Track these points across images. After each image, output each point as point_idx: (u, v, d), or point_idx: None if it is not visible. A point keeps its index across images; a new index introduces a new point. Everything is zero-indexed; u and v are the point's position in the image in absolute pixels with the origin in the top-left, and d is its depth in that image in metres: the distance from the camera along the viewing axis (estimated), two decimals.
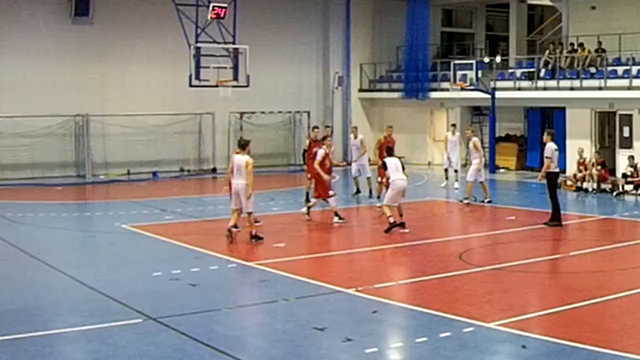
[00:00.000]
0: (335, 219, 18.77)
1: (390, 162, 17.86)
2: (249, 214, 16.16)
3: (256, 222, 17.15)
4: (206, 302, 11.63)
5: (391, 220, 17.37)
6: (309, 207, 19.51)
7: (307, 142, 22.71)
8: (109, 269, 14.22)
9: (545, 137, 18.58)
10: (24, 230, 18.61)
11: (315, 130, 23.04)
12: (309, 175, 21.11)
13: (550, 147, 18.16)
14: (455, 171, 25.67)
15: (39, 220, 19.82)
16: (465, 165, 29.64)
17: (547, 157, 18.15)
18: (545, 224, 18.19)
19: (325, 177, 18.83)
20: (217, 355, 9.32)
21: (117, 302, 11.63)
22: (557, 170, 18.53)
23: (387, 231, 17.25)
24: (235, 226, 16.25)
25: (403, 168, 18.03)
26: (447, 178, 25.89)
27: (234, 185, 16.14)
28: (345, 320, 10.83)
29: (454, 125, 27.18)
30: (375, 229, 19.15)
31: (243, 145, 16.31)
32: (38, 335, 10.03)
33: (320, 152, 18.95)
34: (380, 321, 10.82)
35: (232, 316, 11.03)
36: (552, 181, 18.34)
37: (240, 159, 16.03)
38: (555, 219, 18.20)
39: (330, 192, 18.95)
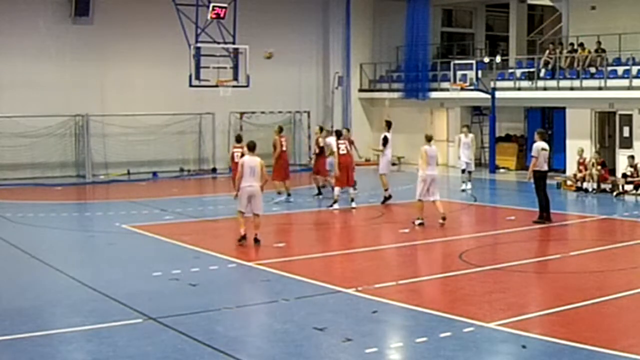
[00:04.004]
0: (354, 204, 20.98)
1: (430, 151, 18.47)
2: (258, 215, 15.86)
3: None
4: (206, 302, 11.63)
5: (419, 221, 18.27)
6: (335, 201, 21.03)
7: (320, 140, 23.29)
8: (109, 269, 14.22)
9: (535, 136, 18.96)
10: (24, 230, 18.62)
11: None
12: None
13: (537, 146, 18.44)
14: (470, 172, 25.32)
15: (39, 220, 19.82)
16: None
17: (532, 156, 18.55)
18: (534, 221, 18.39)
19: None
20: (217, 355, 9.32)
21: (117, 302, 11.63)
22: (544, 169, 18.68)
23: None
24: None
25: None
26: (464, 181, 25.59)
27: (247, 189, 15.57)
28: (345, 320, 10.82)
29: (466, 126, 27.04)
30: (375, 229, 19.19)
31: (252, 147, 15.94)
32: (38, 335, 10.04)
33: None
34: (380, 321, 10.82)
35: (232, 316, 11.03)
36: (539, 180, 18.51)
37: (253, 161, 15.61)
38: (542, 217, 18.41)
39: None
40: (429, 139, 18.81)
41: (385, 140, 21.93)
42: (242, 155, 20.71)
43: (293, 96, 34.09)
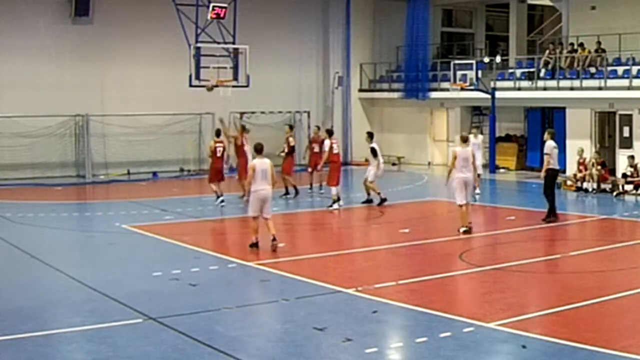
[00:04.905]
0: (336, 205, 21.10)
1: (460, 153, 17.34)
2: (268, 219, 15.42)
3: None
4: (206, 302, 11.63)
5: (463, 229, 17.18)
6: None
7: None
8: (109, 269, 14.21)
9: (546, 135, 19.11)
10: (24, 230, 18.61)
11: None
12: (309, 169, 24.27)
13: (550, 144, 18.61)
14: (479, 175, 24.85)
15: (39, 220, 19.82)
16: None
17: (546, 154, 18.64)
18: (543, 220, 18.38)
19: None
20: (217, 355, 9.32)
21: (117, 302, 11.63)
22: (557, 167, 18.95)
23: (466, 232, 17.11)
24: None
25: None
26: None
27: (260, 192, 15.13)
28: (345, 320, 10.82)
29: (476, 127, 26.71)
30: (375, 229, 19.19)
31: (260, 150, 15.52)
32: (38, 335, 10.04)
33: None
34: (380, 321, 10.82)
35: (232, 316, 11.03)
36: (550, 178, 18.66)
37: (264, 163, 15.21)
38: (552, 215, 18.48)
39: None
40: (464, 139, 17.91)
41: (375, 152, 21.53)
42: (224, 149, 21.26)
43: (293, 96, 34.08)
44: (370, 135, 22.16)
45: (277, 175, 22.91)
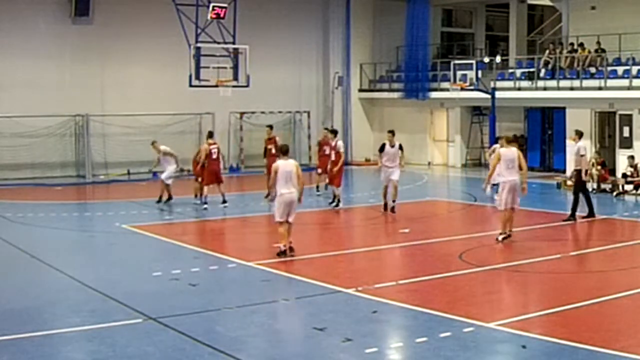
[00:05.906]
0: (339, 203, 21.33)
1: (506, 154, 16.27)
2: (291, 223, 14.81)
3: None
4: (206, 302, 11.63)
5: (502, 236, 16.19)
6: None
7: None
8: (109, 269, 14.22)
9: (575, 137, 19.31)
10: (24, 230, 18.61)
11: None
12: (319, 171, 23.83)
13: (584, 145, 19.04)
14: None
15: (39, 220, 19.82)
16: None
17: (581, 155, 18.83)
18: (583, 217, 18.84)
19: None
20: (217, 355, 9.32)
21: (117, 302, 11.64)
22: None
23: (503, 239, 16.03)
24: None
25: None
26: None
27: (285, 195, 14.48)
28: (345, 320, 10.82)
29: (499, 137, 26.07)
30: (375, 229, 19.18)
31: (286, 151, 15.03)
32: (38, 335, 10.04)
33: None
34: (380, 321, 10.82)
35: (232, 316, 11.03)
36: (581, 178, 19.07)
37: (288, 165, 14.54)
38: (591, 212, 19.05)
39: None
40: (508, 140, 16.81)
41: (402, 149, 20.61)
42: (219, 150, 20.96)
43: (293, 96, 34.10)
44: (392, 133, 20.59)
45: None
